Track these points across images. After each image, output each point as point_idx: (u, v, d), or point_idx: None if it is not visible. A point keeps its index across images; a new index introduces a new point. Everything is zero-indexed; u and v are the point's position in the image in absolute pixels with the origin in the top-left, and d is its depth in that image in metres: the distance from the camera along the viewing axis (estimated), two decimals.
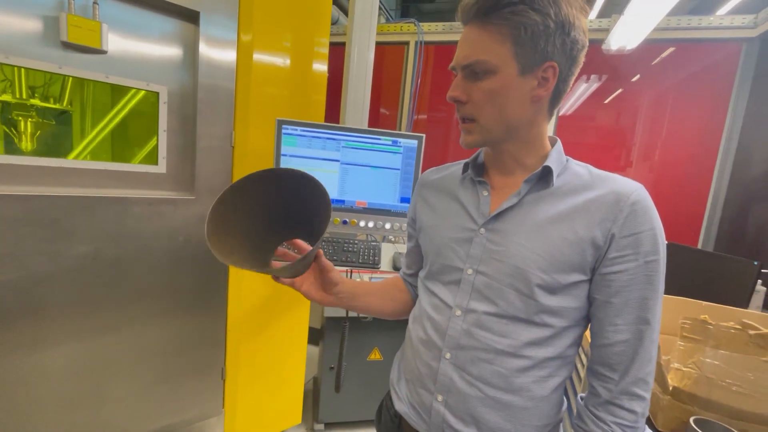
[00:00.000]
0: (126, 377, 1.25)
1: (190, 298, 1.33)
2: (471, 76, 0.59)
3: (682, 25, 1.95)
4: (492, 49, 0.56)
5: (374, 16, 1.67)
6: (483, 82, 0.57)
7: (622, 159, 2.23)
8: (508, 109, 0.59)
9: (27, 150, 1.12)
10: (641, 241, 0.55)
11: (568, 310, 0.59)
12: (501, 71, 0.56)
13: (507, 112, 0.59)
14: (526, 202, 0.62)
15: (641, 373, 0.57)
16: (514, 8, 0.54)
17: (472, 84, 0.59)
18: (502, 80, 0.57)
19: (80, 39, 1.02)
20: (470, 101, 0.59)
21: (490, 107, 0.59)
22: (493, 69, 0.56)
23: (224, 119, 1.30)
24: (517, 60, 0.56)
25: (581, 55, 0.59)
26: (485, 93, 0.58)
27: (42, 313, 1.07)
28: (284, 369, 1.60)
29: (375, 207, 1.38)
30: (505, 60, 0.56)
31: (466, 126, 0.62)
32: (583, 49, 0.59)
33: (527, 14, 0.54)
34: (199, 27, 1.20)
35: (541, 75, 0.57)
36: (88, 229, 1.11)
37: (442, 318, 0.65)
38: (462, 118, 0.62)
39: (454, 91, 0.60)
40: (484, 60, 0.56)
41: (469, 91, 0.59)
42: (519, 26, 0.54)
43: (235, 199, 0.67)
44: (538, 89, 0.58)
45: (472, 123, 0.61)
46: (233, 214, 0.68)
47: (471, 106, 0.60)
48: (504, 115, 0.59)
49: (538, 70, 0.57)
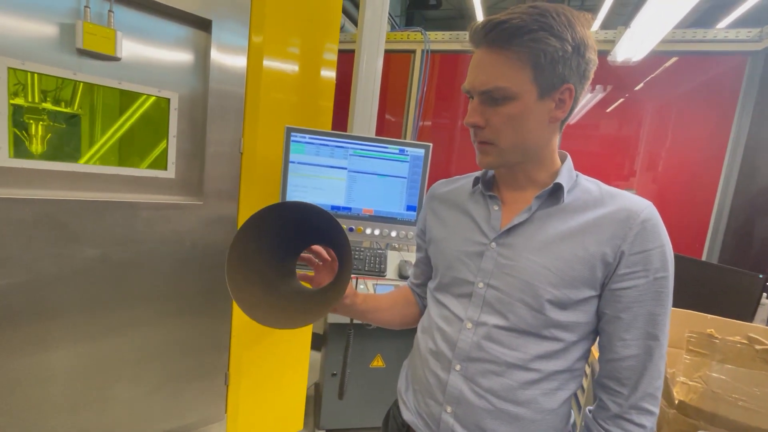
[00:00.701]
0: (131, 380, 1.25)
1: (196, 303, 1.34)
2: (489, 101, 0.58)
3: (688, 37, 1.96)
4: (511, 75, 0.56)
5: (383, 25, 1.69)
6: (502, 107, 0.58)
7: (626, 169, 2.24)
8: (526, 133, 0.59)
9: (37, 153, 1.13)
10: (651, 258, 0.56)
11: (577, 324, 0.60)
12: (521, 97, 0.57)
13: (525, 136, 0.60)
14: (537, 218, 0.62)
15: (650, 388, 0.58)
16: (535, 35, 0.54)
17: (490, 109, 0.59)
18: (521, 105, 0.57)
19: (95, 46, 1.03)
20: (489, 126, 0.59)
21: (509, 132, 0.59)
22: (512, 95, 0.57)
23: (233, 125, 1.31)
24: (537, 84, 0.56)
25: (592, 72, 0.60)
26: (504, 118, 0.58)
27: (49, 315, 1.08)
28: (287, 375, 1.60)
29: (381, 215, 1.39)
30: (524, 85, 0.56)
31: (483, 147, 0.62)
32: (594, 67, 0.60)
33: (548, 41, 0.54)
34: (211, 34, 1.21)
35: (559, 97, 0.58)
36: (97, 233, 1.12)
37: (453, 330, 0.65)
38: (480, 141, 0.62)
39: (472, 117, 0.60)
40: (503, 87, 0.56)
41: (488, 115, 0.59)
42: (539, 53, 0.54)
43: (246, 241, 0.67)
44: (555, 111, 0.59)
45: (490, 145, 0.61)
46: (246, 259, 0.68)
47: (490, 131, 0.60)
48: (522, 139, 0.60)
49: (555, 92, 0.58)
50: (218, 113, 1.27)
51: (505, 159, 0.62)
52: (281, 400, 1.61)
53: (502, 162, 0.63)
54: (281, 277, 0.73)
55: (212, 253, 1.33)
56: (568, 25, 0.54)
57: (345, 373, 1.32)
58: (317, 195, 1.39)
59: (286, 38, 1.37)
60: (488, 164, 0.63)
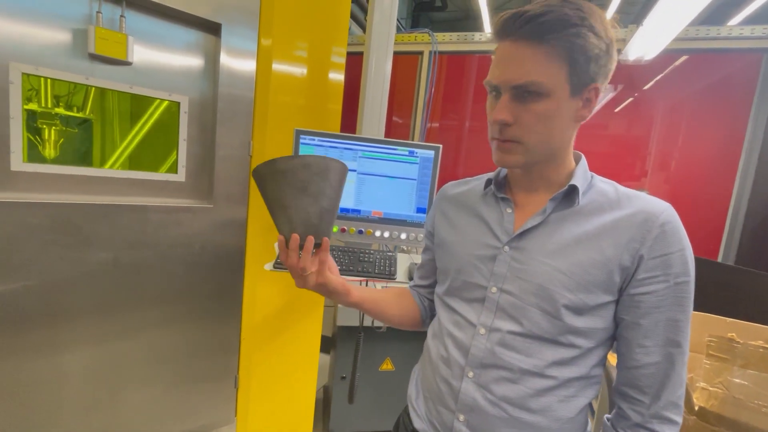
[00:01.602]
0: (142, 382, 1.26)
1: (206, 305, 1.34)
2: (519, 96, 0.55)
3: (701, 35, 1.93)
4: (548, 70, 0.53)
5: (392, 28, 1.69)
6: (534, 104, 0.55)
7: (637, 169, 2.20)
8: (555, 132, 0.57)
9: (50, 157, 1.14)
10: (671, 262, 0.54)
11: (594, 330, 0.58)
12: (554, 94, 0.54)
13: (554, 135, 0.58)
14: (551, 221, 0.61)
15: (673, 397, 0.56)
16: (578, 30, 0.52)
17: (520, 105, 0.55)
18: (555, 103, 0.55)
19: (107, 51, 1.04)
20: (517, 123, 0.56)
21: (539, 130, 0.56)
22: (547, 91, 0.54)
23: (243, 128, 1.31)
24: (570, 82, 0.54)
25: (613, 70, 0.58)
26: (536, 116, 0.55)
27: (63, 317, 1.09)
28: (296, 378, 1.60)
29: (391, 217, 1.38)
30: (559, 82, 0.54)
31: (507, 146, 0.58)
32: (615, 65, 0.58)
33: (587, 37, 0.52)
34: (221, 38, 1.22)
35: (586, 96, 0.57)
36: (109, 236, 1.13)
37: (465, 336, 0.64)
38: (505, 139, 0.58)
39: (501, 113, 0.56)
40: (540, 82, 0.53)
41: (517, 112, 0.56)
42: (578, 49, 0.52)
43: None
44: (582, 110, 0.57)
45: (515, 144, 0.58)
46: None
47: (518, 128, 0.56)
48: (551, 138, 0.58)
49: (584, 91, 0.56)
50: (228, 116, 1.27)
51: (530, 158, 0.59)
52: (291, 404, 1.61)
53: (525, 161, 0.60)
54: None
55: (222, 255, 1.34)
56: (602, 21, 0.53)
57: (355, 376, 1.31)
58: None
59: (295, 42, 1.37)
60: (511, 163, 0.60)
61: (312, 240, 0.65)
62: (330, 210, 0.67)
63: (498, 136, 0.59)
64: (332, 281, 0.71)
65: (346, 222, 1.38)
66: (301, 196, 0.64)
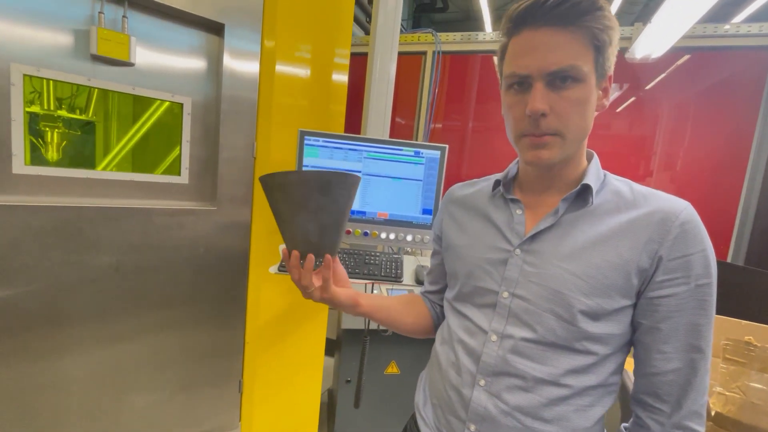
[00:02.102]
0: (145, 387, 1.24)
1: (210, 309, 1.33)
2: (555, 84, 0.53)
3: (708, 32, 1.91)
4: (583, 55, 0.52)
5: (396, 29, 1.67)
6: (569, 90, 0.52)
7: (642, 168, 2.18)
8: (589, 122, 0.56)
9: (53, 160, 1.13)
10: (692, 263, 0.52)
11: (611, 336, 0.56)
12: (588, 79, 0.53)
13: (588, 125, 0.56)
14: (564, 222, 0.58)
15: (695, 406, 0.53)
16: (603, 14, 0.51)
17: (554, 94, 0.53)
18: (588, 89, 0.53)
19: (109, 52, 1.03)
20: (554, 113, 0.53)
21: (577, 119, 0.54)
22: (582, 77, 0.52)
23: (246, 130, 1.30)
24: (596, 69, 0.53)
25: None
26: (573, 103, 0.53)
27: (65, 322, 1.07)
28: (301, 382, 1.58)
29: (396, 219, 1.36)
30: (590, 68, 0.53)
31: (545, 140, 0.55)
32: None
33: (609, 23, 0.51)
34: (224, 39, 1.21)
35: (604, 86, 0.56)
36: (112, 240, 1.11)
37: (477, 343, 0.61)
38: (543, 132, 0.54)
39: (540, 103, 0.52)
40: (578, 66, 0.51)
41: (552, 101, 0.53)
42: (603, 34, 0.51)
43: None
44: (602, 100, 0.57)
45: (554, 137, 0.55)
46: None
47: (555, 119, 0.53)
48: (586, 128, 0.56)
49: (603, 81, 0.55)
50: (231, 118, 1.26)
51: (566, 152, 0.56)
52: (295, 408, 1.59)
53: (563, 156, 0.57)
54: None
55: (226, 258, 1.32)
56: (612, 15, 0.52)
57: (361, 381, 1.29)
58: None
59: (298, 43, 1.36)
60: (548, 160, 0.56)
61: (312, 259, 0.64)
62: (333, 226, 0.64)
63: (533, 131, 0.55)
64: (338, 296, 0.69)
65: (350, 224, 1.36)
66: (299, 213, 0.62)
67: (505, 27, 0.57)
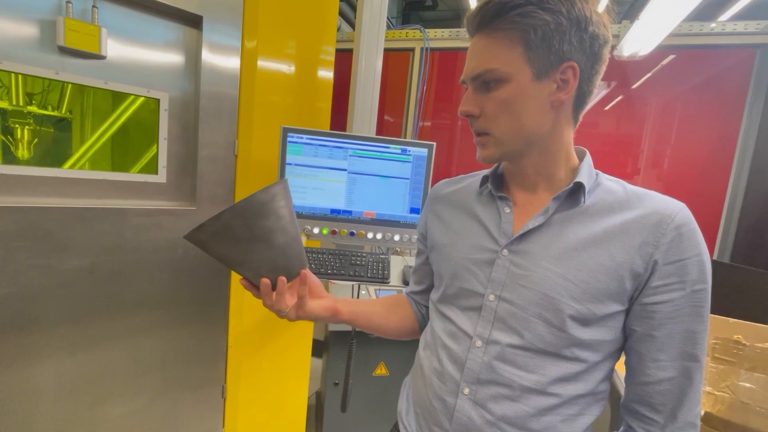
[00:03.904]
0: (122, 395, 1.19)
1: (190, 312, 1.28)
2: (482, 87, 0.55)
3: (694, 30, 1.91)
4: (501, 56, 0.52)
5: (382, 25, 1.64)
6: (495, 92, 0.53)
7: (630, 167, 2.19)
8: (525, 119, 0.54)
9: (23, 158, 1.07)
10: (687, 268, 0.49)
11: (602, 343, 0.53)
12: (513, 78, 0.52)
13: (524, 122, 0.54)
14: (555, 222, 0.56)
15: (690, 416, 0.51)
16: (522, 10, 0.50)
17: (483, 96, 0.55)
18: (515, 88, 0.52)
19: (78, 44, 0.97)
20: (483, 114, 0.55)
21: (505, 118, 0.54)
22: (504, 77, 0.52)
23: (227, 127, 1.25)
24: (530, 64, 0.51)
25: (604, 50, 0.54)
26: (498, 104, 0.53)
27: (34, 328, 1.02)
28: (287, 385, 1.54)
29: (383, 218, 1.33)
30: (516, 66, 0.52)
31: (480, 140, 0.58)
32: (606, 45, 0.54)
33: (536, 15, 0.49)
34: (202, 32, 1.16)
35: (560, 77, 0.52)
36: (84, 242, 1.06)
37: (461, 348, 0.58)
38: (476, 132, 0.58)
39: (465, 105, 0.56)
40: (493, 68, 0.52)
41: (482, 103, 0.55)
42: (528, 29, 0.50)
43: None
44: (557, 93, 0.53)
45: (486, 136, 0.57)
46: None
47: (484, 120, 0.56)
48: (521, 126, 0.54)
49: (555, 72, 0.52)
50: (211, 115, 1.21)
51: (504, 150, 0.57)
52: (282, 412, 1.55)
53: (501, 154, 0.57)
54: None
55: (207, 259, 1.28)
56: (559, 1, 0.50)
57: (348, 385, 1.26)
58: (316, 198, 1.33)
59: (281, 38, 1.32)
60: (487, 157, 0.58)
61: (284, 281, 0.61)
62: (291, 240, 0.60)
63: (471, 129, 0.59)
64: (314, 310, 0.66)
65: (336, 224, 1.33)
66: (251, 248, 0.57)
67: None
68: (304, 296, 0.63)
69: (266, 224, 0.57)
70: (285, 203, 0.60)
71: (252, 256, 0.58)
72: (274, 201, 0.58)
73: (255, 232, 0.57)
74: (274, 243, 0.59)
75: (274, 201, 0.58)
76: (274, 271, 0.60)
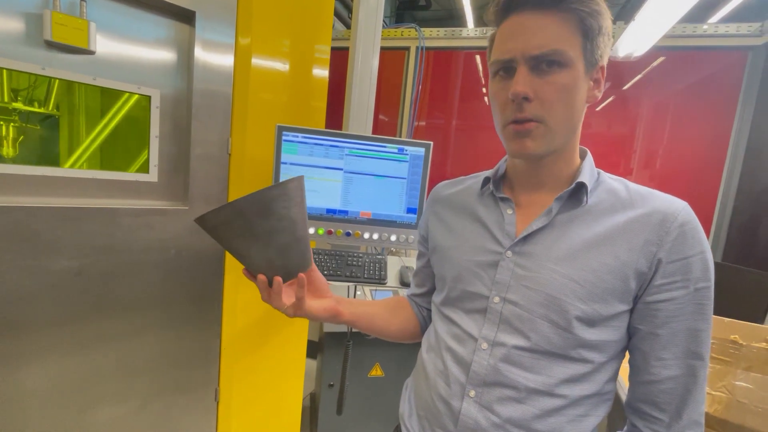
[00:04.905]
0: (112, 399, 1.17)
1: (183, 313, 1.25)
2: (537, 68, 0.50)
3: (687, 32, 1.93)
4: (568, 39, 0.49)
5: (379, 22, 1.63)
6: (554, 76, 0.50)
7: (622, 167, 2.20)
8: (575, 111, 0.52)
9: (9, 157, 1.04)
10: (691, 266, 0.49)
11: (607, 343, 0.53)
12: (574, 65, 0.50)
13: (575, 115, 0.53)
14: (558, 223, 0.55)
15: (695, 415, 0.51)
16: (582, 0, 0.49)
17: (538, 79, 0.50)
18: (575, 75, 0.50)
19: (66, 38, 0.94)
20: (537, 99, 0.50)
21: (561, 106, 0.51)
22: (567, 62, 0.49)
23: (221, 125, 1.23)
24: (585, 56, 0.51)
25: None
26: (558, 89, 0.50)
27: (19, 332, 0.99)
28: (281, 388, 1.52)
29: (380, 218, 1.32)
30: (577, 54, 0.50)
31: (529, 127, 0.52)
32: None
33: (598, 8, 0.49)
34: (195, 28, 1.13)
35: (595, 77, 0.53)
36: (72, 243, 1.03)
37: (466, 351, 0.57)
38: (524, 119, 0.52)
39: (521, 86, 0.50)
40: (562, 50, 0.49)
41: (536, 86, 0.50)
42: (591, 20, 0.49)
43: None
44: (593, 90, 0.54)
45: (536, 124, 0.51)
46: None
47: (539, 104, 0.50)
48: (572, 118, 0.53)
49: (593, 70, 0.52)
50: (204, 113, 1.19)
51: (552, 143, 0.53)
52: (276, 414, 1.53)
53: (548, 147, 0.54)
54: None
55: (199, 260, 1.25)
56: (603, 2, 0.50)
57: (344, 387, 1.25)
58: (311, 197, 1.32)
59: (276, 35, 1.30)
60: (532, 150, 0.53)
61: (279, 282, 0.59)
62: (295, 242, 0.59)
63: (517, 116, 0.52)
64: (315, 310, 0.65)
65: (332, 224, 1.31)
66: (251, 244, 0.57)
67: (493, 15, 0.55)
68: (302, 298, 0.62)
69: (268, 223, 0.56)
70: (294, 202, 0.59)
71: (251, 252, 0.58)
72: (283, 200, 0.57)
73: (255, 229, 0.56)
74: (274, 243, 0.57)
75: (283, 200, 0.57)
76: (271, 269, 0.59)
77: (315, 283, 0.67)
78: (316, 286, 0.67)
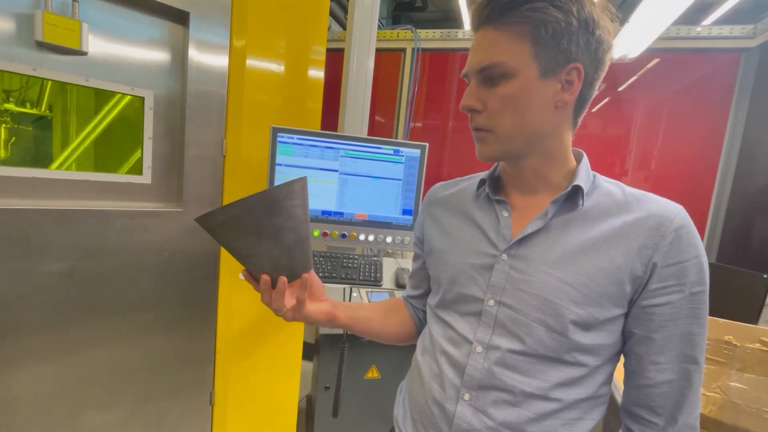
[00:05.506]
0: (105, 403, 1.15)
1: (177, 317, 1.24)
2: (486, 81, 0.53)
3: (681, 34, 1.94)
4: (509, 50, 0.50)
5: (374, 24, 1.62)
6: (500, 87, 0.52)
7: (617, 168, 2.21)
8: (528, 117, 0.52)
9: (0, 159, 1.03)
10: (686, 270, 0.49)
11: (602, 347, 0.53)
12: (520, 74, 0.51)
13: (528, 120, 0.53)
14: (554, 226, 0.55)
15: (690, 419, 0.51)
16: (533, 5, 0.49)
17: (487, 90, 0.53)
18: (521, 84, 0.51)
19: (58, 39, 0.94)
20: (486, 110, 0.53)
21: (508, 115, 0.52)
22: (511, 72, 0.51)
23: (215, 127, 1.22)
24: (538, 61, 0.50)
25: (607, 56, 0.54)
26: (503, 99, 0.52)
27: (11, 334, 0.97)
28: (277, 391, 1.51)
29: (376, 219, 1.31)
30: (524, 62, 0.50)
31: (480, 135, 0.56)
32: (609, 51, 0.54)
33: (548, 11, 0.48)
34: (189, 29, 1.13)
35: (565, 78, 0.52)
36: (64, 245, 1.02)
37: (461, 354, 0.57)
38: (475, 128, 0.56)
39: (467, 99, 0.54)
40: (500, 62, 0.51)
41: (485, 98, 0.53)
42: (539, 24, 0.49)
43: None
44: (562, 93, 0.52)
45: (487, 132, 0.55)
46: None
47: (486, 116, 0.54)
48: (525, 124, 0.53)
49: (561, 72, 0.51)
50: (198, 114, 1.18)
51: (506, 148, 0.55)
52: (271, 418, 1.52)
53: (502, 152, 0.56)
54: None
55: (194, 262, 1.24)
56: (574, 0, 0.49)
57: (340, 390, 1.24)
58: None
59: (271, 36, 1.29)
60: (487, 154, 0.56)
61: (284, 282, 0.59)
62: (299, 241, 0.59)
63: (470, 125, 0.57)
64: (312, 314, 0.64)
65: (328, 225, 1.31)
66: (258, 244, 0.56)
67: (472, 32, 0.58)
68: (304, 300, 0.61)
69: (277, 222, 0.56)
70: (299, 202, 0.58)
71: (257, 251, 0.57)
72: (289, 199, 0.56)
73: (264, 228, 0.55)
74: (282, 242, 0.57)
75: (289, 199, 0.56)
76: (276, 270, 0.59)
77: (312, 286, 0.67)
78: (313, 289, 0.67)
